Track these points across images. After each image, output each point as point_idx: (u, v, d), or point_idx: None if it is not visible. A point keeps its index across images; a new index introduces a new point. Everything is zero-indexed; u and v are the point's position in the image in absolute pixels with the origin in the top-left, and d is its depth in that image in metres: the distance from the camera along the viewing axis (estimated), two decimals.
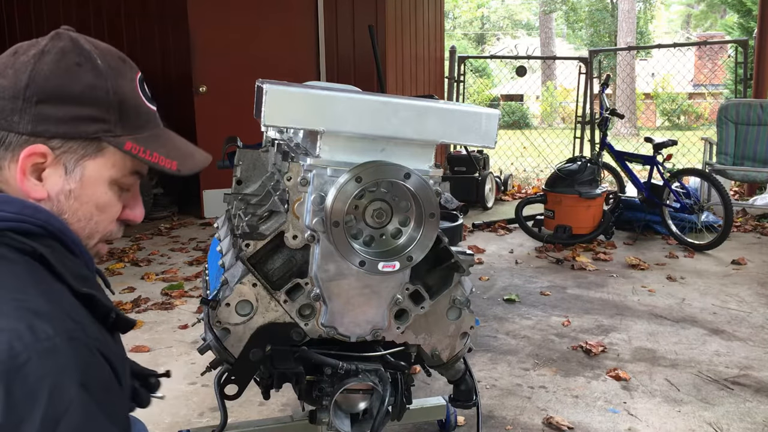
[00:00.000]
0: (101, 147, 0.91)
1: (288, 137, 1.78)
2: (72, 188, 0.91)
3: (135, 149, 0.93)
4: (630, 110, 14.08)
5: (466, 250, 1.74)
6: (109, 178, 0.94)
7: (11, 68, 0.89)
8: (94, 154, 0.91)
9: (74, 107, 0.89)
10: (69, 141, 0.89)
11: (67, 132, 0.89)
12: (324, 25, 6.22)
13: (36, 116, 0.88)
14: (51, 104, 0.88)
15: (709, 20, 24.59)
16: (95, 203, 0.94)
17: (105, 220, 0.97)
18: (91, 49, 0.93)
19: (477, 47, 27.75)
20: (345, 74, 6.19)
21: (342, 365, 1.63)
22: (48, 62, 0.89)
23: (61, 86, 0.88)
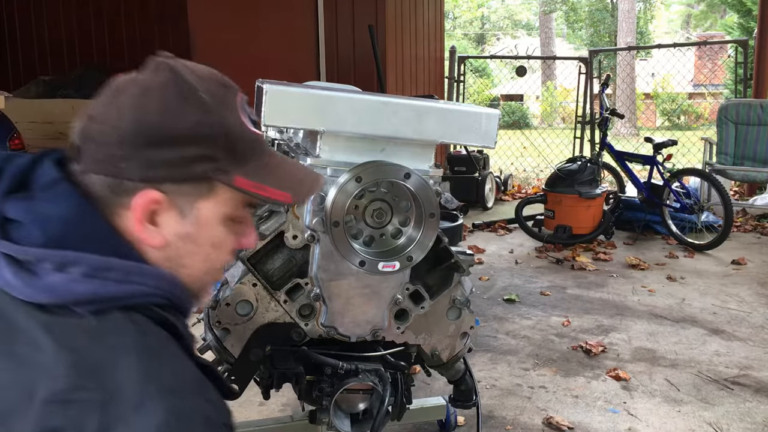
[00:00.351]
0: (213, 186, 0.87)
1: (288, 137, 1.78)
2: (189, 231, 0.87)
3: (246, 185, 0.88)
4: (630, 110, 14.08)
5: (466, 250, 1.74)
6: (223, 216, 0.89)
7: (114, 110, 0.84)
8: (207, 194, 0.87)
9: (183, 148, 0.84)
10: (181, 184, 0.85)
11: (178, 175, 0.84)
12: (324, 25, 6.21)
13: (145, 162, 0.83)
14: (159, 148, 0.83)
15: (709, 20, 24.59)
16: (211, 243, 0.90)
17: (221, 256, 0.93)
18: (194, 81, 0.87)
19: (477, 47, 27.75)
20: (345, 74, 6.19)
21: (342, 365, 1.63)
22: (152, 102, 0.83)
23: (168, 128, 0.83)
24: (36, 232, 0.78)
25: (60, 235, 0.79)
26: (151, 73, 0.86)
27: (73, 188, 0.82)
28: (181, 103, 0.84)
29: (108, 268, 0.79)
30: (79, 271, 0.77)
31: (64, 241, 0.78)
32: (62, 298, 0.77)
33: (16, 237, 0.79)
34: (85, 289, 0.77)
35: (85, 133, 0.83)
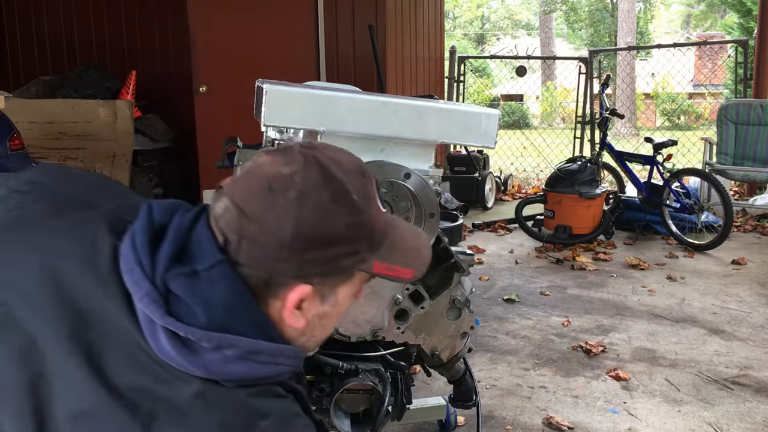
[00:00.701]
0: (352, 273, 0.93)
1: (288, 137, 1.78)
2: (326, 311, 0.94)
3: (381, 269, 0.94)
4: (630, 110, 14.07)
5: (466, 250, 1.74)
6: (354, 293, 0.97)
7: (271, 212, 0.87)
8: (346, 281, 0.93)
9: (335, 248, 0.89)
10: (327, 278, 0.91)
11: (327, 272, 0.90)
12: (324, 25, 6.21)
13: (300, 263, 0.88)
14: (315, 250, 0.88)
15: (709, 20, 24.59)
16: (340, 314, 0.98)
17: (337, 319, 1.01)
18: (342, 177, 0.90)
19: (477, 47, 27.75)
20: (345, 74, 6.19)
21: (342, 365, 1.63)
22: (309, 206, 0.87)
23: (324, 232, 0.88)
24: (200, 313, 0.84)
25: (221, 319, 0.84)
26: (304, 171, 0.89)
27: (232, 274, 0.86)
28: (335, 206, 0.88)
29: (258, 352, 0.86)
30: (235, 353, 0.84)
31: (224, 325, 0.84)
32: (217, 375, 0.83)
33: (178, 313, 0.83)
34: (239, 370, 0.84)
35: (242, 231, 0.87)
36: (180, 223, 0.90)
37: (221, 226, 0.87)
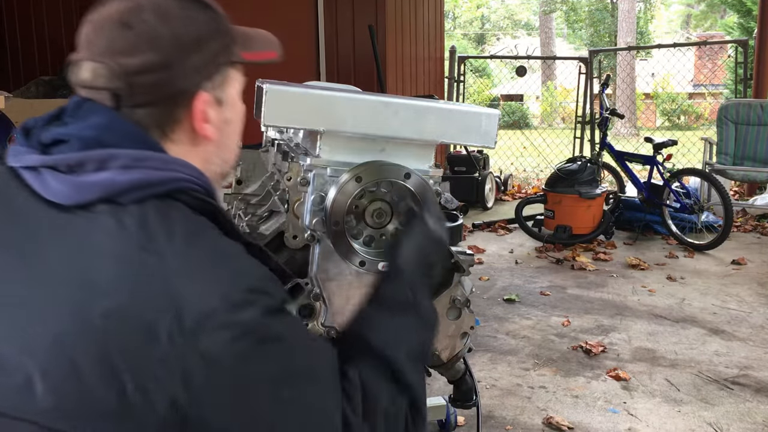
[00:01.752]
0: (229, 70, 0.98)
1: (288, 137, 1.78)
2: (228, 116, 0.99)
3: (249, 56, 1.01)
4: (630, 110, 14.07)
5: (466, 250, 1.74)
6: (239, 91, 1.02)
7: (141, 41, 0.88)
8: (229, 78, 0.98)
9: (210, 46, 0.93)
10: (214, 78, 0.95)
11: (212, 71, 0.94)
12: (324, 25, 6.21)
13: (189, 71, 0.91)
14: (195, 54, 0.91)
15: (709, 20, 24.59)
16: (240, 117, 1.04)
17: (240, 128, 1.06)
18: None
19: (477, 47, 27.75)
20: (345, 74, 6.19)
21: None
22: (170, 19, 0.90)
23: (194, 34, 0.92)
24: (74, 142, 0.85)
25: (96, 138, 0.85)
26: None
27: (98, 104, 0.88)
28: (188, 9, 0.93)
29: (144, 158, 0.85)
30: (119, 164, 0.83)
31: (101, 143, 0.85)
32: (106, 191, 0.82)
33: (57, 152, 0.85)
34: (132, 177, 0.83)
35: (126, 74, 0.87)
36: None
37: (100, 85, 0.88)
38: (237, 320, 0.78)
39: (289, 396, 0.82)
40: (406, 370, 0.95)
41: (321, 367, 0.88)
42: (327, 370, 0.88)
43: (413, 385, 0.95)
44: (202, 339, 0.76)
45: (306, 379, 0.85)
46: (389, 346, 0.97)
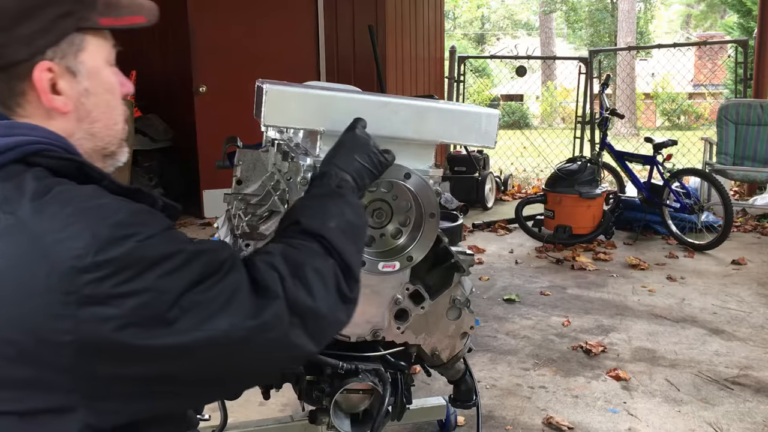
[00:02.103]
0: (83, 38, 0.95)
1: (288, 137, 1.78)
2: (86, 86, 0.96)
3: (109, 22, 0.97)
4: (630, 110, 14.07)
5: (466, 250, 1.74)
6: (103, 61, 0.98)
7: None
8: (83, 47, 0.95)
9: (43, 14, 0.90)
10: (59, 45, 0.92)
11: (53, 38, 0.91)
12: (324, 25, 6.21)
13: (22, 39, 0.89)
14: (29, 21, 0.89)
15: (709, 20, 24.59)
16: (106, 89, 0.99)
17: (118, 102, 1.03)
18: None
19: (477, 47, 27.74)
20: (345, 74, 6.19)
21: (342, 365, 1.63)
22: None
23: (22, 3, 0.90)
24: None
25: None
26: None
27: None
28: None
29: None
30: None
31: None
32: None
33: None
34: None
35: None
36: None
37: None
38: (112, 256, 0.80)
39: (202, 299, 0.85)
40: (333, 237, 1.04)
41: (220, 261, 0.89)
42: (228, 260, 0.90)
43: (342, 250, 1.03)
44: (80, 283, 0.78)
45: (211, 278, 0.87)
46: (314, 220, 1.06)
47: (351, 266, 1.03)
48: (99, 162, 1.01)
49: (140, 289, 0.81)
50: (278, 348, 0.92)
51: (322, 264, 0.99)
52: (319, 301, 0.95)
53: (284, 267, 0.95)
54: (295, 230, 1.06)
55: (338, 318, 1.00)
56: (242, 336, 0.87)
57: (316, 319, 0.95)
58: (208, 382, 0.91)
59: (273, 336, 0.90)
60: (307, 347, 0.95)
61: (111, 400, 0.84)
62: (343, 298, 1.01)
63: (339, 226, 1.06)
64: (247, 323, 0.87)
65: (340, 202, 1.13)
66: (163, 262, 0.83)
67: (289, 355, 0.95)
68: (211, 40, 5.82)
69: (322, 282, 0.97)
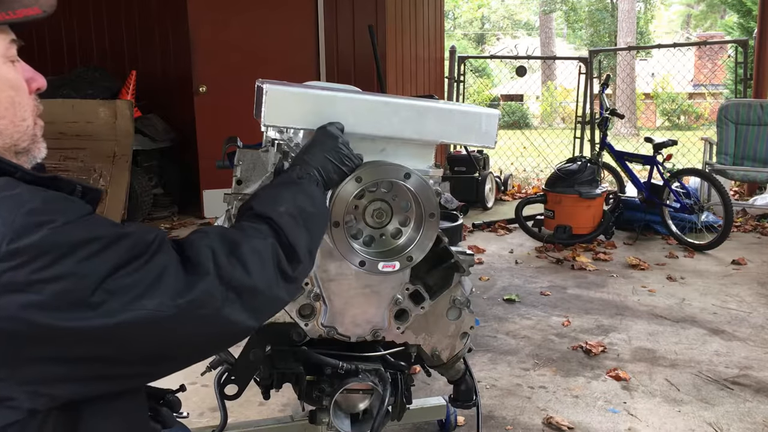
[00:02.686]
0: None
1: (288, 137, 1.78)
2: None
3: (1, 17, 0.95)
4: (630, 110, 14.07)
5: (466, 250, 1.74)
6: (1, 57, 0.96)
7: None
8: None
9: None
10: None
11: None
12: (324, 25, 6.21)
13: None
14: None
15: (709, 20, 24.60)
16: (8, 86, 0.97)
17: (23, 98, 1.00)
18: None
19: (477, 47, 27.74)
20: (345, 74, 6.19)
21: (342, 365, 1.63)
22: None
23: None
24: None
25: None
26: None
27: None
28: None
29: None
30: None
31: None
32: None
33: None
34: None
35: None
36: None
37: None
38: (27, 244, 0.81)
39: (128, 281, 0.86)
40: (279, 219, 1.08)
41: (146, 243, 0.91)
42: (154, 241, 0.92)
43: (288, 232, 1.07)
44: None
45: (136, 260, 0.88)
46: (265, 204, 1.12)
47: (295, 247, 1.07)
48: (13, 158, 1.00)
49: (60, 275, 0.82)
50: (212, 323, 0.93)
51: (261, 243, 1.02)
52: (255, 277, 0.97)
53: (219, 245, 0.97)
54: (247, 215, 1.11)
55: (277, 294, 1.03)
56: (171, 314, 0.88)
57: (253, 295, 0.97)
58: (144, 360, 0.92)
59: (204, 312, 0.92)
60: (246, 323, 0.97)
61: (46, 384, 0.85)
62: (284, 276, 1.04)
63: (288, 211, 1.11)
64: (176, 301, 0.89)
65: (295, 190, 1.19)
66: (81, 248, 0.84)
67: (227, 330, 0.96)
68: (211, 40, 5.82)
69: (260, 259, 0.99)
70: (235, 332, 0.99)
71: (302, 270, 1.10)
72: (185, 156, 6.37)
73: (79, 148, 5.41)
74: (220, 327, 0.95)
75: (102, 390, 0.92)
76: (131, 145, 5.45)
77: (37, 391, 0.85)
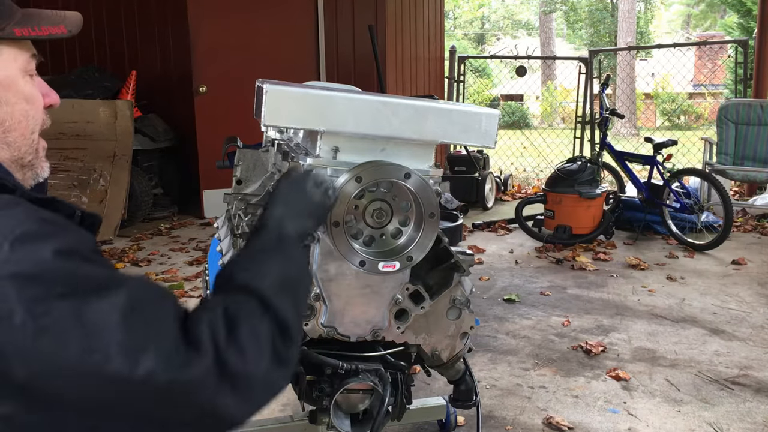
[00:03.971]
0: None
1: (288, 137, 1.78)
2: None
3: (26, 32, 0.96)
4: (630, 110, 14.07)
5: (466, 250, 1.74)
6: (19, 71, 0.98)
7: None
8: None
9: None
10: None
11: None
12: (324, 25, 6.21)
13: None
14: None
15: (709, 20, 24.59)
16: (23, 98, 0.99)
17: (37, 111, 1.02)
18: None
19: (477, 47, 27.74)
20: (345, 74, 6.19)
21: (342, 365, 1.63)
22: None
23: None
24: None
25: None
26: None
27: None
28: None
29: None
30: None
31: None
32: None
33: None
34: None
35: None
36: None
37: None
38: (19, 266, 0.76)
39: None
40: (269, 295, 0.98)
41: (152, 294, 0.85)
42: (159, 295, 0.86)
43: (278, 307, 0.97)
44: None
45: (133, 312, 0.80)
46: (251, 276, 1.01)
47: (288, 324, 0.97)
48: (18, 173, 0.99)
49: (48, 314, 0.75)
50: (199, 410, 0.83)
51: (258, 324, 0.93)
52: (252, 364, 0.88)
53: (221, 325, 0.88)
54: (232, 286, 1.00)
55: (273, 380, 0.93)
56: (160, 385, 0.79)
57: (248, 384, 0.88)
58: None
59: (194, 399, 0.82)
60: (237, 413, 0.87)
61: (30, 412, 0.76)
62: (279, 360, 0.93)
63: (275, 283, 1.01)
64: (169, 373, 0.79)
65: (278, 257, 1.08)
66: (79, 285, 0.78)
67: (216, 422, 0.86)
68: (211, 40, 5.83)
69: (257, 343, 0.90)
70: (224, 422, 0.88)
71: (294, 352, 1.00)
72: (185, 156, 6.37)
73: (79, 148, 5.42)
74: (209, 414, 0.84)
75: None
76: (131, 145, 5.46)
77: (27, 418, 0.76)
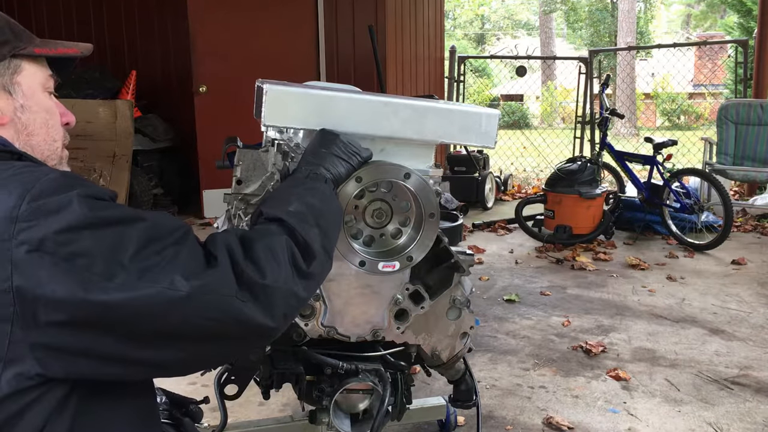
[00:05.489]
0: (19, 63, 1.07)
1: (288, 137, 1.78)
2: (22, 103, 1.07)
3: (43, 51, 1.10)
4: (630, 110, 14.07)
5: (466, 250, 1.74)
6: (40, 85, 1.11)
7: None
8: (18, 70, 1.07)
9: None
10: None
11: None
12: (324, 25, 6.21)
13: None
14: None
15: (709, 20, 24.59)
16: (44, 108, 1.11)
17: (56, 123, 1.14)
18: None
19: (477, 47, 27.74)
20: (345, 74, 6.19)
21: (342, 365, 1.63)
22: None
23: None
24: None
25: None
26: None
27: None
28: None
29: None
30: None
31: None
32: None
33: None
34: None
35: None
36: None
37: None
38: (49, 204, 0.86)
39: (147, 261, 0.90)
40: (289, 218, 1.11)
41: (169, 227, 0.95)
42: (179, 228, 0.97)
43: (300, 229, 1.10)
44: (15, 231, 0.84)
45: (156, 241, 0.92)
46: (275, 206, 1.15)
47: (309, 243, 1.10)
48: None
49: (79, 248, 0.86)
50: (225, 312, 0.94)
51: (274, 241, 1.05)
52: (269, 274, 0.99)
53: (237, 245, 1.00)
54: (259, 220, 1.15)
55: (293, 291, 1.04)
56: (184, 294, 0.90)
57: (267, 293, 0.98)
58: (154, 342, 0.92)
59: (216, 298, 0.93)
60: (261, 320, 0.97)
61: (55, 352, 0.87)
62: (299, 272, 1.06)
63: (297, 209, 1.14)
64: (190, 281, 0.91)
65: (302, 189, 1.22)
66: (102, 220, 0.89)
67: (241, 325, 0.96)
68: (211, 40, 5.82)
69: (273, 257, 1.02)
70: (251, 330, 0.98)
71: (318, 265, 1.11)
72: (185, 156, 6.37)
73: (79, 148, 5.41)
74: (233, 318, 0.95)
75: (112, 372, 0.93)
76: (131, 145, 5.46)
77: (47, 358, 0.86)
